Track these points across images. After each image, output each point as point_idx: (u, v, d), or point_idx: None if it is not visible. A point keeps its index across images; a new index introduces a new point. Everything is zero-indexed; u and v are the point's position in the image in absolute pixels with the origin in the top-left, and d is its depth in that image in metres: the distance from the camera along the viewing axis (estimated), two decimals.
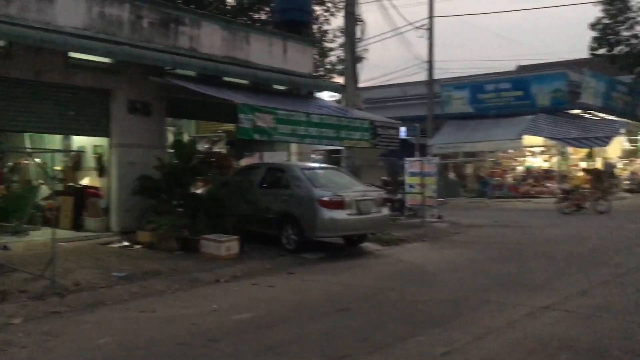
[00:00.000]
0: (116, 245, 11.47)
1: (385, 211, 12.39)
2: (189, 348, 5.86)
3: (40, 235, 11.78)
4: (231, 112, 11.14)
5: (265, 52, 15.29)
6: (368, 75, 63.12)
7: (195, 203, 11.83)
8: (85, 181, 13.42)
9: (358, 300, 7.96)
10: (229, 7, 23.59)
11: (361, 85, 21.72)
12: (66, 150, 13.88)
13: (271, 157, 15.62)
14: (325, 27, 26.43)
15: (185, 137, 14.52)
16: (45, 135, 13.87)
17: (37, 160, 14.48)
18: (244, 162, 15.76)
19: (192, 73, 13.45)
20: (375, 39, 47.36)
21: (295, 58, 16.10)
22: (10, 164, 14.63)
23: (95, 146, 13.30)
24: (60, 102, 11.72)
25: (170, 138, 13.52)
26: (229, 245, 10.65)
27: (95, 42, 11.37)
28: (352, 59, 18.06)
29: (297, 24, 17.12)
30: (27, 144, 14.33)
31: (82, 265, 9.53)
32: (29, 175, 14.44)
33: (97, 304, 7.56)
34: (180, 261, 10.14)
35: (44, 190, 13.97)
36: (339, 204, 11.27)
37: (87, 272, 9.04)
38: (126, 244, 11.51)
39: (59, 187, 13.99)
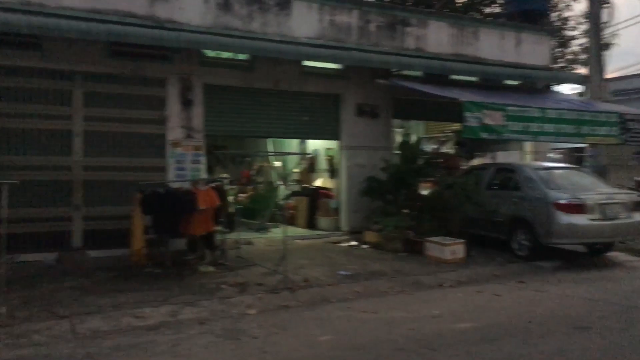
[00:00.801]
0: (345, 244, 11.87)
1: (638, 217, 10.78)
2: (405, 354, 5.70)
3: (280, 233, 12.75)
4: (458, 111, 10.74)
5: (496, 46, 14.49)
6: (618, 64, 56.44)
7: (420, 204, 11.69)
8: (318, 183, 14.19)
9: (601, 318, 6.99)
10: (459, 4, 22.99)
11: (609, 75, 19.41)
12: (301, 153, 14.81)
13: (504, 157, 14.74)
14: (566, 13, 24.25)
15: (413, 139, 14.47)
16: (284, 139, 15.03)
17: (278, 163, 15.75)
18: (475, 162, 15.14)
19: (418, 73, 13.35)
20: (628, 23, 42.07)
21: (529, 50, 14.96)
22: (255, 167, 16.18)
23: (327, 149, 13.98)
24: (296, 109, 12.56)
25: (398, 139, 13.58)
26: (454, 248, 10.26)
27: (325, 49, 11.91)
28: (597, 46, 16.18)
29: (533, 14, 15.96)
30: (270, 148, 15.67)
31: (313, 262, 10.03)
32: (271, 177, 15.79)
33: (322, 301, 7.83)
34: (404, 263, 10.08)
35: (283, 191, 15.14)
36: (578, 208, 10.11)
37: (316, 269, 9.49)
38: (354, 243, 11.85)
39: (296, 188, 15.05)
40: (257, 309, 7.41)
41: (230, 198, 14.49)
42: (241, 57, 11.71)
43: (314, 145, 14.62)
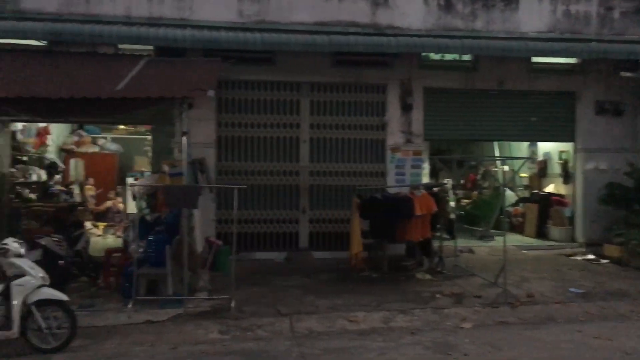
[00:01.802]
0: (580, 257, 10.67)
1: None
2: None
3: (506, 241, 11.97)
4: None
5: None
6: None
7: None
8: (550, 188, 13.00)
9: None
10: None
11: None
12: (524, 158, 13.72)
13: None
14: None
15: None
16: (513, 142, 14.09)
17: (505, 167, 14.83)
18: None
19: None
20: None
21: None
22: (481, 171, 15.47)
23: (561, 152, 12.72)
24: (523, 109, 11.67)
25: None
26: None
27: (558, 43, 10.84)
28: None
29: None
30: (496, 151, 14.84)
31: (540, 275, 9.19)
32: (496, 182, 14.94)
33: (547, 320, 7.08)
34: None
35: (511, 197, 14.21)
36: None
37: (542, 283, 8.67)
38: (591, 257, 10.58)
39: (525, 194, 14.01)
40: (472, 323, 6.98)
41: (452, 203, 14.11)
42: (463, 58, 11.28)
43: (546, 148, 13.44)
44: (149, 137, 13.07)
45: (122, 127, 15.74)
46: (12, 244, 6.07)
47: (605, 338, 6.33)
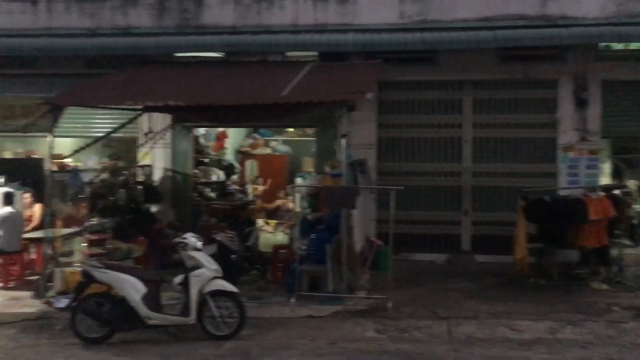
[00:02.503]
0: None
1: None
2: None
3: None
4: None
5: None
6: None
7: None
8: None
9: None
10: None
11: None
12: None
13: None
14: None
15: None
16: None
17: None
18: None
19: None
20: None
21: None
22: None
23: None
24: None
25: None
26: None
27: None
28: None
29: None
30: None
31: None
32: None
33: None
34: None
35: None
36: None
37: None
38: None
39: None
40: None
41: (638, 207, 12.76)
42: None
43: None
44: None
45: (291, 129, 16.57)
46: (191, 238, 6.72)
47: None
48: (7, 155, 11.66)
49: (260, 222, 13.87)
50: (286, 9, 10.50)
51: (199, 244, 6.74)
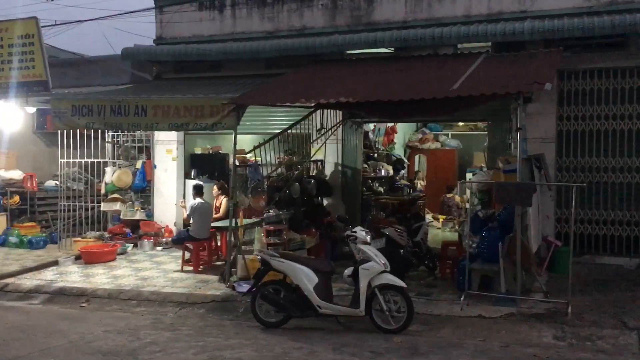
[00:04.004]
0: None
1: None
2: None
3: None
4: None
5: None
6: None
7: None
8: None
9: None
10: None
11: None
12: None
13: None
14: None
15: None
16: None
17: None
18: None
19: None
20: None
21: None
22: None
23: None
24: None
25: None
26: None
27: None
28: None
29: None
30: None
31: None
32: None
33: None
34: None
35: None
36: None
37: None
38: None
39: None
40: None
41: None
42: None
43: None
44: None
45: (461, 124, 16.16)
46: (360, 232, 6.86)
47: None
48: (197, 151, 12.90)
49: (428, 217, 13.75)
50: (458, 0, 10.25)
51: (368, 238, 6.86)
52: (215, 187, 10.82)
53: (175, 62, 11.92)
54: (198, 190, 10.13)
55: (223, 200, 10.58)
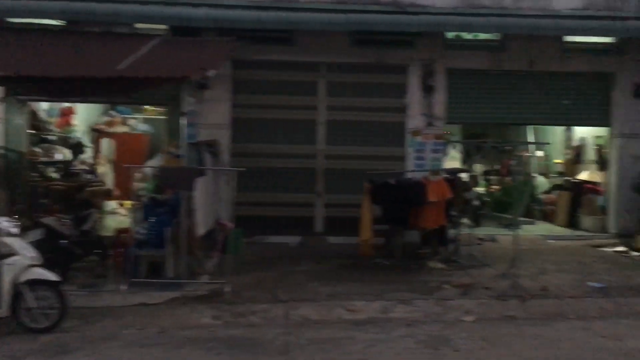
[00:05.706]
0: (609, 249, 10.09)
1: None
2: None
3: (533, 230, 11.49)
4: None
5: None
6: None
7: None
8: (583, 175, 12.33)
9: None
10: None
11: None
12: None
13: None
14: None
15: None
16: (548, 127, 13.40)
17: (539, 153, 14.19)
18: None
19: None
20: None
21: None
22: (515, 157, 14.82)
23: (597, 137, 12.02)
24: (555, 92, 11.05)
25: None
26: None
27: (591, 21, 10.17)
28: None
29: None
30: (530, 136, 14.17)
31: (560, 267, 8.73)
32: (529, 168, 14.31)
33: (556, 316, 6.68)
34: None
35: (543, 184, 13.61)
36: None
37: (561, 276, 8.22)
38: (621, 249, 9.99)
39: (558, 181, 13.37)
40: (476, 316, 6.66)
41: (481, 189, 13.60)
42: (489, 37, 10.76)
43: (583, 132, 12.73)
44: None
45: (150, 108, 15.79)
46: (3, 223, 6.10)
47: (613, 337, 5.90)
48: None
49: (113, 204, 13.11)
50: None
51: (14, 229, 6.14)
52: None
53: None
54: None
55: None
